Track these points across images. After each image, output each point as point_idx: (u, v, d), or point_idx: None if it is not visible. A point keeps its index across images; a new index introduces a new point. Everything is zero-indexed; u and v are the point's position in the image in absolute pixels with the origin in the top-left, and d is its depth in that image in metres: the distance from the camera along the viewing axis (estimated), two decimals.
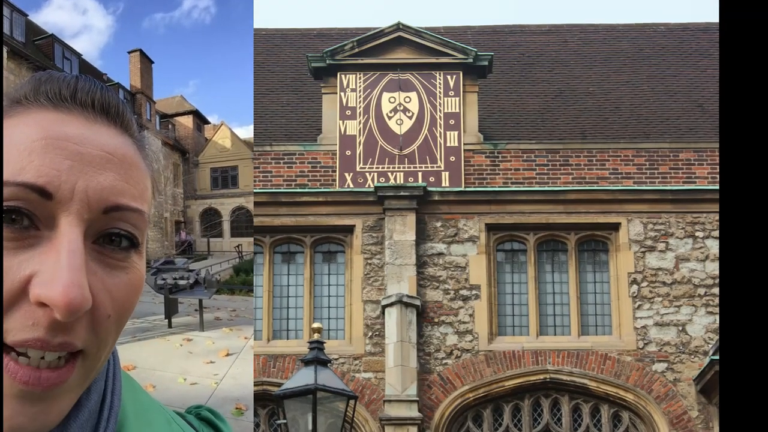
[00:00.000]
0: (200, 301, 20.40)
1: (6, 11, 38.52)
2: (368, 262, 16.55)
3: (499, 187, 16.87)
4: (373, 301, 16.38)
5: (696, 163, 17.05)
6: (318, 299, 16.89)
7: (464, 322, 16.29)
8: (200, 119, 69.75)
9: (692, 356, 16.13)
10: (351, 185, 16.96)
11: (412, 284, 16.25)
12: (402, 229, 16.52)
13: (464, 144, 17.13)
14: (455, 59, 17.46)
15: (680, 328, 16.26)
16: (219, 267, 38.01)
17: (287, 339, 16.61)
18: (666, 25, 22.23)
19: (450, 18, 79.37)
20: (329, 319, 16.67)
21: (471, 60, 17.40)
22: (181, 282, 21.15)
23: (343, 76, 17.47)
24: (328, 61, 17.45)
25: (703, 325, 16.26)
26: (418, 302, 16.15)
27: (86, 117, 1.42)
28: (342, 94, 17.39)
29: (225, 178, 63.81)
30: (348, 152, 17.14)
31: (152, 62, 59.37)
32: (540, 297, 16.71)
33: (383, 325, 16.18)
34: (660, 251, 16.55)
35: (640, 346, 16.19)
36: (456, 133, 17.17)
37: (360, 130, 17.21)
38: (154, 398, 1.70)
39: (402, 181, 16.87)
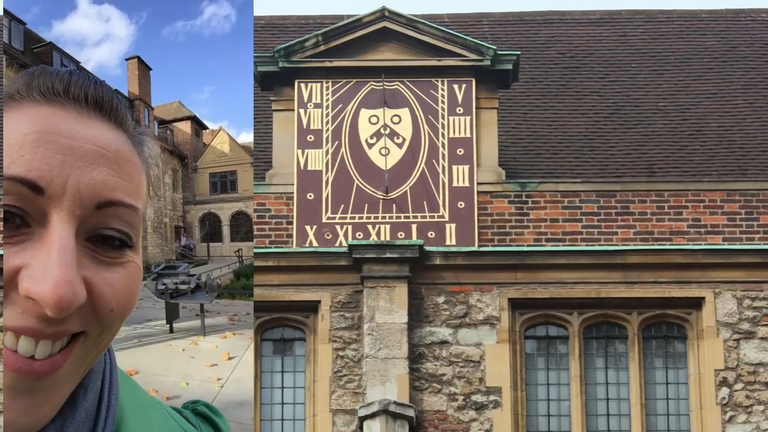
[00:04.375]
0: (201, 305, 25.67)
1: (4, 20, 50.77)
2: (339, 355, 15.67)
3: (528, 245, 16.04)
4: (347, 410, 15.46)
5: None
6: (266, 408, 15.85)
7: None
8: (198, 124, 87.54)
9: None
10: (314, 243, 16.04)
11: (402, 386, 15.34)
12: (388, 307, 15.55)
13: (478, 183, 16.28)
14: (465, 61, 16.56)
15: None
16: (219, 272, 47.35)
17: None
18: None
19: (458, 3, 77.34)
20: None
21: (488, 62, 16.52)
22: (182, 287, 26.17)
23: (303, 85, 16.60)
24: (281, 64, 16.60)
25: None
26: (411, 412, 15.28)
27: (79, 111, 1.74)
28: (301, 111, 16.51)
29: (224, 183, 79.96)
30: (310, 195, 16.23)
31: (150, 69, 73.96)
32: (588, 405, 15.76)
33: None
34: (761, 339, 15.63)
35: None
36: (466, 167, 16.28)
37: (328, 163, 16.38)
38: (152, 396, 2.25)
39: (388, 238, 15.97)
